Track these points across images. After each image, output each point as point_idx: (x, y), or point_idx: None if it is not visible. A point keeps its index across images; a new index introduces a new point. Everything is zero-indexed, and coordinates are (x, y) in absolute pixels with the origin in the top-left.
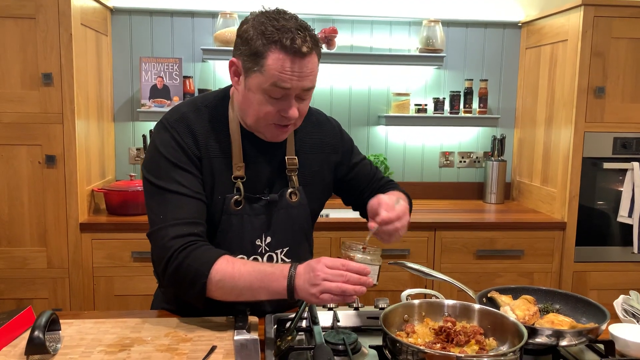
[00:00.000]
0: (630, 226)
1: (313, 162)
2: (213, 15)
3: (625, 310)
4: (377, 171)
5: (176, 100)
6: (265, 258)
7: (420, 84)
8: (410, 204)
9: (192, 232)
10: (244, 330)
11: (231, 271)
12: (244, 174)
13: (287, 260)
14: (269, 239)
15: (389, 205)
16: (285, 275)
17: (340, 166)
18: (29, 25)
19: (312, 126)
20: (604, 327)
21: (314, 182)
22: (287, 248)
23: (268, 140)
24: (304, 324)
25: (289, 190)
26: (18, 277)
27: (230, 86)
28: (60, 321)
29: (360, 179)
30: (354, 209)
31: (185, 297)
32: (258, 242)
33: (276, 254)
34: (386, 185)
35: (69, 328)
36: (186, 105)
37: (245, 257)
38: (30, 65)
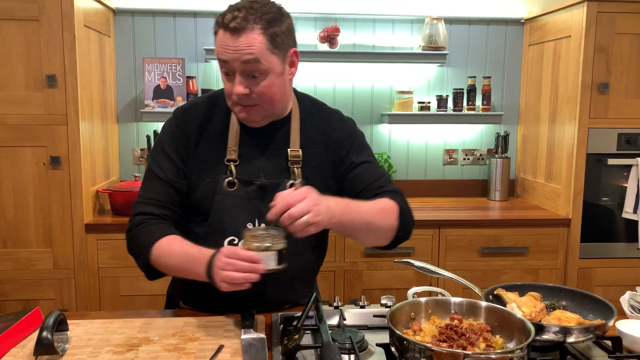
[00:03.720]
0: (636, 222)
1: (317, 157)
2: (215, 15)
3: (632, 307)
4: (380, 178)
5: (179, 101)
6: None
7: (423, 82)
8: (406, 218)
9: (154, 212)
10: (251, 330)
11: (166, 250)
12: (237, 157)
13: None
14: (262, 226)
15: (284, 194)
16: (206, 261)
17: (341, 163)
18: (32, 27)
19: (321, 121)
20: (611, 323)
21: (316, 176)
22: None
23: (249, 125)
24: (310, 322)
25: (289, 182)
26: (24, 278)
27: None
28: (68, 321)
29: (357, 181)
30: None
31: (138, 266)
32: (250, 226)
33: None
34: (382, 193)
35: (77, 328)
36: (202, 96)
37: (236, 239)
38: (34, 67)
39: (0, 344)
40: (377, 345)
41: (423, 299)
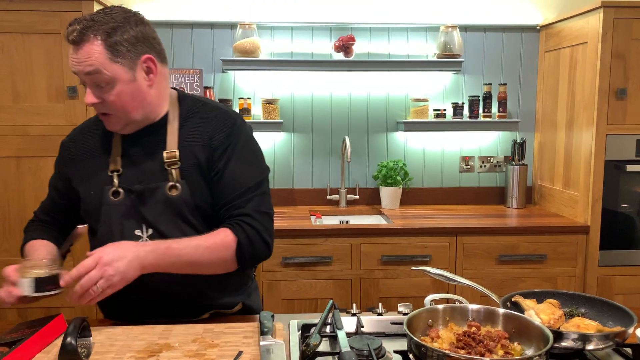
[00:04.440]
0: None
1: (194, 156)
2: (232, 26)
3: None
4: (245, 196)
5: None
6: None
7: (439, 89)
8: (242, 254)
9: (38, 217)
10: (270, 336)
11: (26, 252)
12: (120, 167)
13: None
14: (150, 231)
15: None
16: None
17: (212, 166)
18: (54, 40)
19: (201, 120)
20: (631, 330)
21: (195, 177)
22: None
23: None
24: (327, 329)
25: (169, 184)
26: None
27: None
28: (91, 328)
29: (219, 195)
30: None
31: None
32: (138, 233)
33: None
34: (236, 218)
35: (99, 334)
36: (88, 120)
37: None
38: (55, 79)
39: (25, 350)
40: (395, 352)
41: (440, 306)
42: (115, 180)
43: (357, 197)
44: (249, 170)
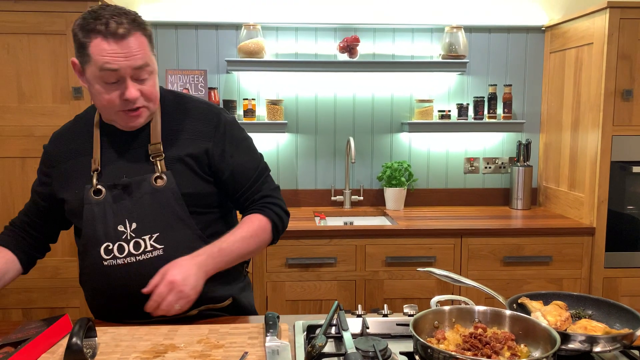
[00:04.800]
0: None
1: (182, 147)
2: (237, 27)
3: None
4: (259, 181)
5: None
6: (131, 244)
7: (444, 90)
8: (277, 231)
9: (20, 217)
10: (275, 337)
11: None
12: (99, 166)
13: (157, 246)
14: (134, 225)
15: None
16: None
17: (213, 157)
18: (59, 41)
19: (183, 112)
20: (638, 332)
21: (181, 168)
22: (157, 234)
23: (126, 130)
24: (333, 330)
25: (154, 175)
26: (50, 286)
27: None
28: (96, 328)
29: (232, 186)
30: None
31: None
32: (121, 228)
33: (144, 239)
34: (259, 203)
35: (104, 335)
36: (68, 122)
37: (111, 244)
38: (61, 80)
39: (31, 350)
40: (401, 353)
41: (447, 308)
42: (94, 180)
43: (361, 198)
44: (251, 155)
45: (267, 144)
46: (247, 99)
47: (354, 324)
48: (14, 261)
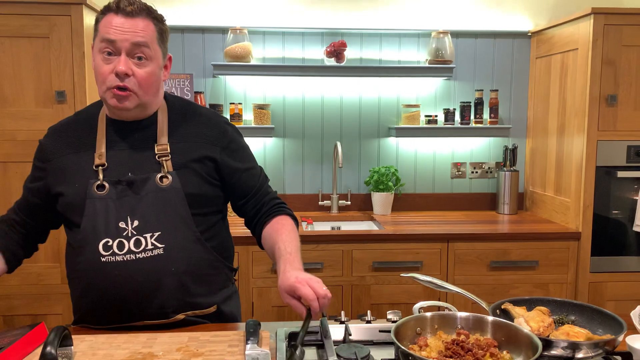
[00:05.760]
0: None
1: (187, 150)
2: (223, 31)
3: None
4: (265, 185)
5: None
6: (132, 242)
7: (430, 96)
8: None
9: (10, 214)
10: (256, 345)
11: None
12: (105, 161)
13: (158, 245)
14: (136, 222)
15: (308, 286)
16: None
17: (219, 163)
18: (42, 45)
19: (190, 118)
20: (620, 338)
21: (188, 168)
22: (159, 232)
23: (118, 115)
24: (315, 337)
25: (159, 175)
26: (33, 293)
27: None
28: (73, 337)
29: (243, 188)
30: (239, 215)
31: None
32: (122, 225)
33: (145, 237)
34: (271, 204)
35: (81, 343)
36: (67, 118)
37: (110, 240)
38: (44, 84)
39: (5, 358)
40: None
41: (429, 314)
42: (101, 175)
43: (348, 202)
44: (254, 162)
45: (254, 148)
46: (233, 104)
47: (336, 331)
48: None
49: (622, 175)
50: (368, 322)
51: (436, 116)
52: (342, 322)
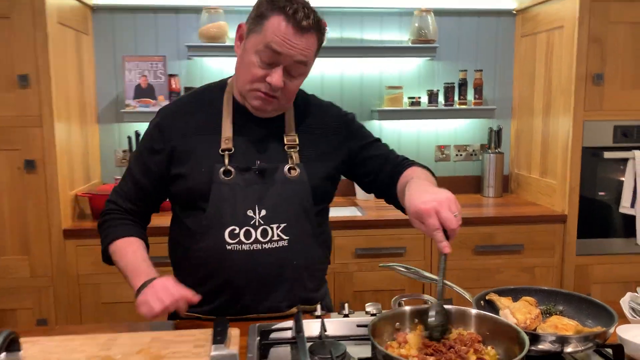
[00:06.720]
0: (633, 217)
1: (315, 141)
2: (197, 10)
3: (633, 309)
4: (393, 152)
5: (161, 100)
6: (259, 231)
7: (414, 77)
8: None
9: (121, 204)
10: (222, 345)
11: (120, 251)
12: (232, 146)
13: (284, 236)
14: (263, 212)
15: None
16: (143, 280)
17: (346, 147)
18: (2, 25)
19: (315, 109)
20: (611, 330)
21: (315, 161)
22: (285, 224)
23: (254, 112)
24: (288, 334)
25: (288, 166)
26: (0, 287)
27: (230, 77)
28: (25, 340)
29: (373, 159)
30: (377, 196)
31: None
32: (250, 213)
33: (272, 228)
34: (403, 163)
35: (32, 347)
36: (186, 94)
37: (237, 228)
38: (5, 67)
39: None
40: (360, 359)
41: (407, 308)
42: (226, 160)
43: None
44: (374, 137)
45: None
46: None
47: (311, 327)
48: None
49: (608, 156)
50: (345, 315)
51: (419, 98)
52: (317, 317)
